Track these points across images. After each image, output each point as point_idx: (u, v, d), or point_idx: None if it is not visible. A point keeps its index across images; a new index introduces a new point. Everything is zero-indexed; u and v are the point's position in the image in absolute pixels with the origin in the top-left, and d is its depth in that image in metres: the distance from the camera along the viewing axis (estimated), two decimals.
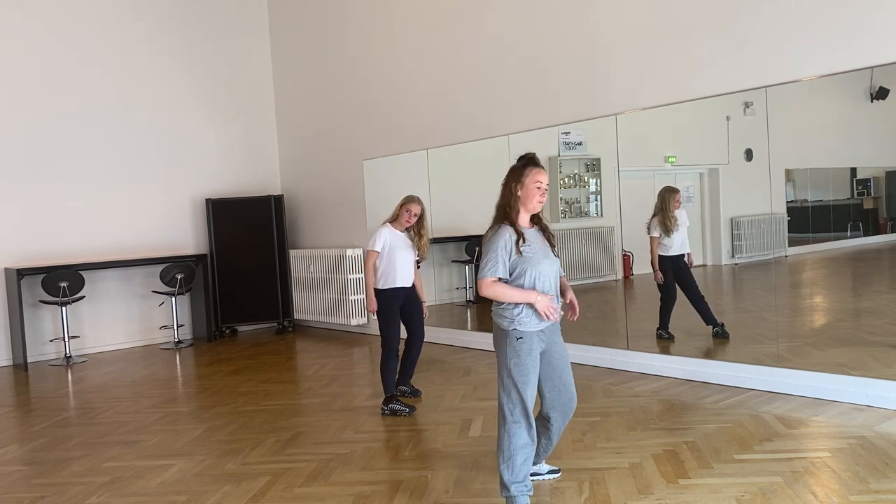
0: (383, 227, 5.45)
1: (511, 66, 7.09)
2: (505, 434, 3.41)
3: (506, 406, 3.42)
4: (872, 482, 3.56)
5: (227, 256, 9.53)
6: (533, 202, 3.49)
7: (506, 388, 3.43)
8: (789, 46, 5.13)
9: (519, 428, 3.39)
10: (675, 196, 6.14)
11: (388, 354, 5.37)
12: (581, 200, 7.30)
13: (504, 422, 3.42)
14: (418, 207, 5.49)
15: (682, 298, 6.20)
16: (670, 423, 4.69)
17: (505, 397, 3.43)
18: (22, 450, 4.98)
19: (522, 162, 3.54)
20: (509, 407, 3.41)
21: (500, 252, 3.40)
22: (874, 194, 5.57)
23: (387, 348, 5.38)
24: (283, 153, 10.42)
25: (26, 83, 8.53)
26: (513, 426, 3.39)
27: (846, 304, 5.78)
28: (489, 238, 3.45)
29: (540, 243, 3.51)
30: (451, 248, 8.46)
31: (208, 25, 9.84)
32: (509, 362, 3.42)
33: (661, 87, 5.91)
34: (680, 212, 6.17)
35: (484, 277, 3.40)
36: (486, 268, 3.40)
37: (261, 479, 4.11)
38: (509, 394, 3.42)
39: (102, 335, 8.97)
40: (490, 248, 3.42)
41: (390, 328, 5.39)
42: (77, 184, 8.83)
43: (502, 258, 3.39)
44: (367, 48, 8.77)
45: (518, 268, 3.42)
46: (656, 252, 6.23)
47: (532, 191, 3.48)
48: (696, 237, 6.35)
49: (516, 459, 3.38)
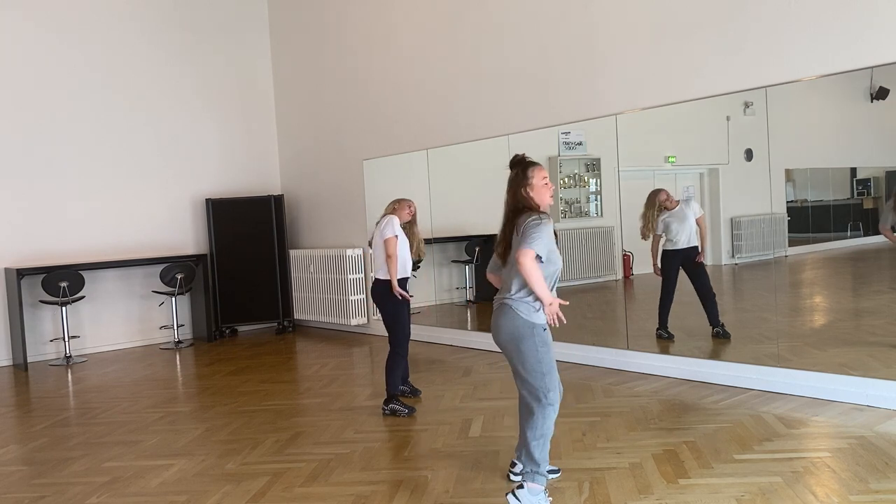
0: (392, 216, 5.46)
1: (511, 66, 7.10)
2: (540, 416, 3.49)
3: (540, 390, 3.49)
4: (872, 482, 3.56)
5: (227, 256, 9.54)
6: (546, 198, 3.59)
7: (538, 375, 3.49)
8: (789, 46, 5.13)
9: (553, 410, 3.51)
10: (658, 196, 6.22)
11: (401, 356, 5.36)
12: (581, 200, 7.30)
13: (539, 404, 3.50)
14: (414, 206, 5.64)
15: (683, 298, 6.20)
16: (670, 423, 4.69)
17: (538, 382, 3.49)
18: (22, 450, 4.98)
19: (522, 166, 3.60)
20: (543, 391, 3.49)
21: (548, 240, 3.44)
22: (874, 194, 5.56)
23: (403, 349, 5.37)
24: (283, 153, 10.42)
25: (26, 83, 8.53)
26: (548, 408, 3.49)
27: (846, 304, 5.78)
28: (536, 224, 3.42)
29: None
30: (451, 248, 8.46)
31: (208, 25, 9.84)
32: (538, 351, 3.49)
33: (661, 87, 5.91)
34: (680, 208, 6.18)
35: (532, 248, 3.38)
36: (534, 241, 3.39)
37: (261, 479, 4.11)
38: (543, 379, 3.49)
39: (102, 335, 8.97)
40: (542, 231, 3.41)
41: (407, 327, 5.43)
42: (77, 184, 8.83)
43: (546, 245, 3.43)
44: (367, 48, 8.77)
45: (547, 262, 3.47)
46: (655, 248, 6.28)
47: (542, 188, 3.58)
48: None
49: (548, 439, 3.50)
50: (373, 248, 5.53)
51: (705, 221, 6.16)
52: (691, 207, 6.20)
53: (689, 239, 6.18)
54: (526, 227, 3.45)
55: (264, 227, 9.65)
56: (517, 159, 3.64)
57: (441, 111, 7.90)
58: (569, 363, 6.55)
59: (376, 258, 5.46)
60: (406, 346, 5.41)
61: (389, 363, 5.35)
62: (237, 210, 9.57)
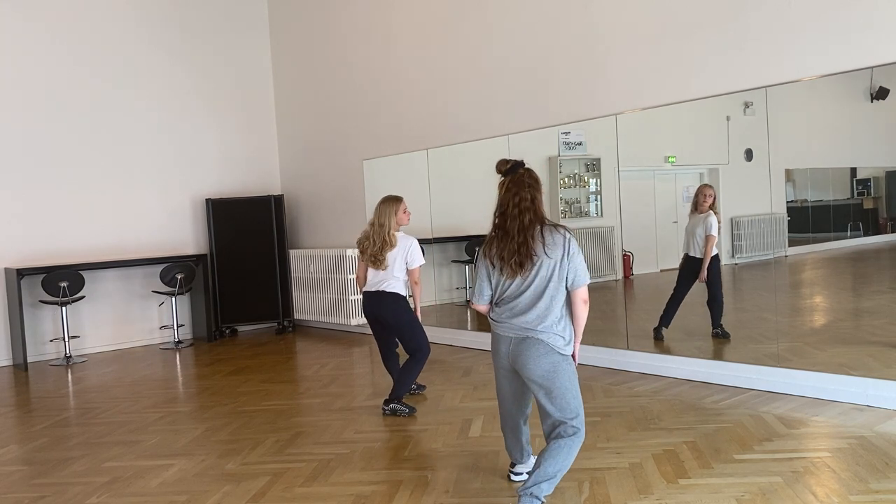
0: (412, 239, 5.38)
1: (511, 66, 7.09)
2: (577, 443, 3.30)
3: (580, 415, 3.33)
4: (872, 482, 3.56)
5: (227, 256, 9.53)
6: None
7: (576, 409, 3.33)
8: (789, 46, 5.13)
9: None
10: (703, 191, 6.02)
11: (421, 365, 5.37)
12: (581, 200, 7.30)
13: (579, 432, 3.31)
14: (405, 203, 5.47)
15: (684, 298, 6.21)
16: (670, 423, 4.69)
17: (576, 416, 3.32)
18: (22, 450, 4.98)
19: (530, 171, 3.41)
20: (580, 424, 3.32)
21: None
22: (874, 194, 5.56)
23: (426, 355, 5.37)
24: (283, 153, 10.42)
25: (27, 83, 8.52)
26: (580, 441, 3.33)
27: (846, 304, 5.78)
28: (576, 246, 3.30)
29: None
30: (451, 248, 8.46)
31: (208, 25, 9.84)
32: (573, 381, 3.35)
33: (661, 87, 5.91)
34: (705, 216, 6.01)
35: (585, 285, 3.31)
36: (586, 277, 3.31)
37: (261, 479, 4.11)
38: (579, 413, 3.33)
39: (102, 335, 8.97)
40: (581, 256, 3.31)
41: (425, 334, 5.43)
42: (77, 184, 8.83)
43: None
44: (367, 48, 8.77)
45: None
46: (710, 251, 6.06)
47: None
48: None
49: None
50: (388, 263, 5.27)
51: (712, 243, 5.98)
52: (709, 222, 6.02)
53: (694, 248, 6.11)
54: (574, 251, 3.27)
55: (264, 227, 9.65)
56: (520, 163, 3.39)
57: (441, 111, 7.90)
58: None
59: (392, 272, 5.30)
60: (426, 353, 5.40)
61: (414, 367, 5.32)
62: (237, 210, 9.57)
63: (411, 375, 5.34)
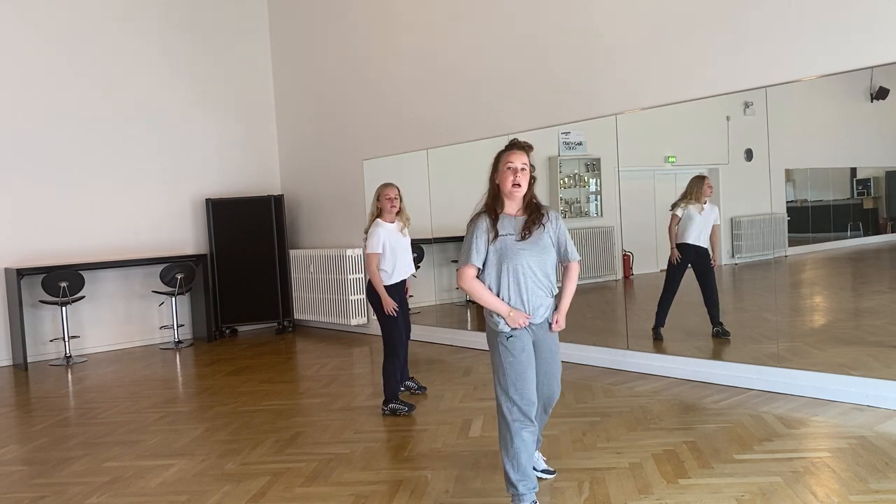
0: (377, 227, 5.33)
1: (511, 66, 7.09)
2: (508, 434, 3.35)
3: (504, 406, 3.37)
4: (872, 482, 3.56)
5: (227, 256, 9.53)
6: (507, 185, 3.34)
7: (503, 388, 3.38)
8: (789, 46, 5.13)
9: (520, 427, 3.33)
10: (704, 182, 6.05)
11: (394, 362, 5.29)
12: (581, 200, 7.30)
13: (504, 421, 3.37)
14: (394, 190, 5.41)
15: (684, 298, 6.20)
16: (670, 423, 4.69)
17: (503, 396, 3.38)
18: (22, 450, 4.98)
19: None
20: (507, 406, 3.36)
21: (473, 241, 3.35)
22: (874, 194, 5.57)
23: (394, 356, 5.29)
24: (283, 153, 10.42)
25: (27, 83, 8.52)
26: (514, 425, 3.33)
27: (846, 304, 5.78)
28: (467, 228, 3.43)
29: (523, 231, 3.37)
30: (451, 248, 8.46)
31: (208, 25, 9.84)
32: (504, 362, 3.38)
33: (661, 87, 5.91)
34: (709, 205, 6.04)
35: (460, 267, 3.38)
36: (461, 257, 3.39)
37: (261, 479, 4.11)
38: (507, 393, 3.36)
39: (102, 335, 8.97)
40: (465, 237, 3.40)
41: (395, 330, 5.31)
42: (77, 184, 8.82)
43: (475, 246, 3.34)
44: (367, 48, 8.77)
45: (492, 257, 3.36)
46: (674, 230, 6.16)
47: (504, 173, 3.37)
48: None
49: (521, 458, 3.33)
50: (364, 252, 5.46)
51: (720, 231, 6.07)
52: (714, 211, 6.08)
53: (699, 237, 6.12)
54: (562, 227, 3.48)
55: (264, 227, 9.65)
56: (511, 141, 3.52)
57: (441, 111, 7.90)
58: (569, 363, 6.54)
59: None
60: (399, 353, 5.35)
61: (385, 364, 5.31)
62: (237, 210, 9.57)
63: (385, 374, 5.27)
